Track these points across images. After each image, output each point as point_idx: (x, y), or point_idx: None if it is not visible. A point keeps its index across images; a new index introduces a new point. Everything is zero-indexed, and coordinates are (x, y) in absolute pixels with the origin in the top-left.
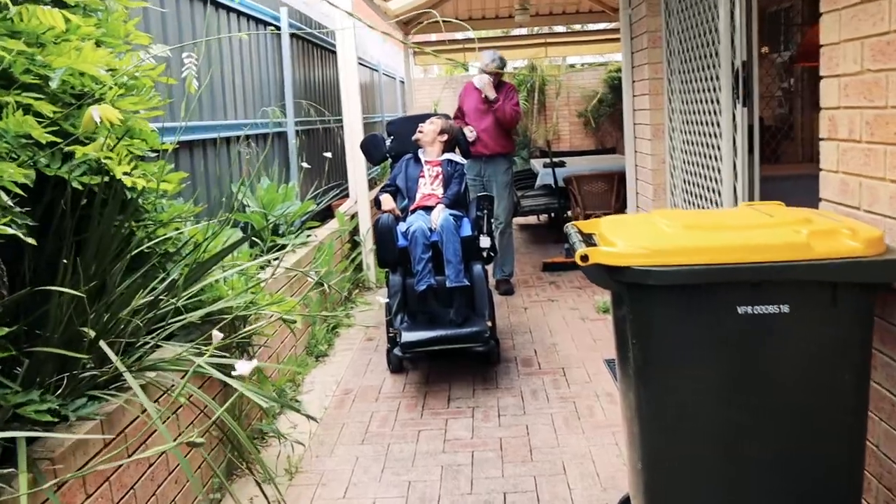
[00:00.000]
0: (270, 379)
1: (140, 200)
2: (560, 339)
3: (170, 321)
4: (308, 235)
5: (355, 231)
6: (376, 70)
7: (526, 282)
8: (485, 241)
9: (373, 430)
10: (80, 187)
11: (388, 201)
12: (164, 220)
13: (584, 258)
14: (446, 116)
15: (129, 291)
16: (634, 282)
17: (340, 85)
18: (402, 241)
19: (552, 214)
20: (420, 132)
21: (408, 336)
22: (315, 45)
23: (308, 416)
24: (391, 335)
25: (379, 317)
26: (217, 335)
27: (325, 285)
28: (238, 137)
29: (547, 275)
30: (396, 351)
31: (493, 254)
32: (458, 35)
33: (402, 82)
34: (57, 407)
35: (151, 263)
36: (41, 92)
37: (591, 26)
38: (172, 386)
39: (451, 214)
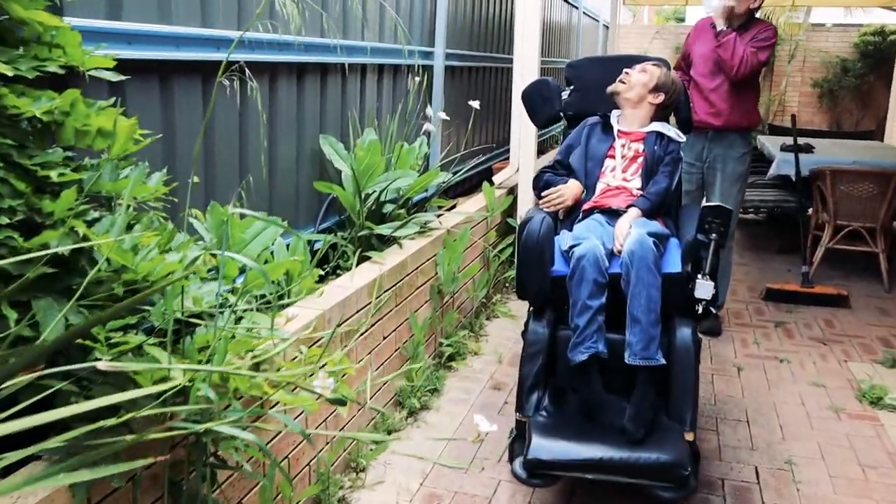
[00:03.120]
0: (310, 468)
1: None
2: (800, 450)
3: None
4: (428, 222)
5: (511, 211)
6: (576, 7)
7: (738, 315)
8: (704, 289)
9: None
10: None
11: (566, 194)
12: (56, 212)
13: None
14: (666, 64)
15: None
16: None
17: (515, 8)
18: (559, 266)
19: (778, 212)
20: (622, 82)
21: (540, 445)
22: None
23: None
24: (519, 420)
25: (519, 344)
26: None
27: (447, 294)
28: (356, 67)
29: (771, 307)
30: (517, 467)
31: (713, 310)
32: None
33: (607, 27)
34: None
35: None
36: None
37: None
38: None
39: (650, 233)
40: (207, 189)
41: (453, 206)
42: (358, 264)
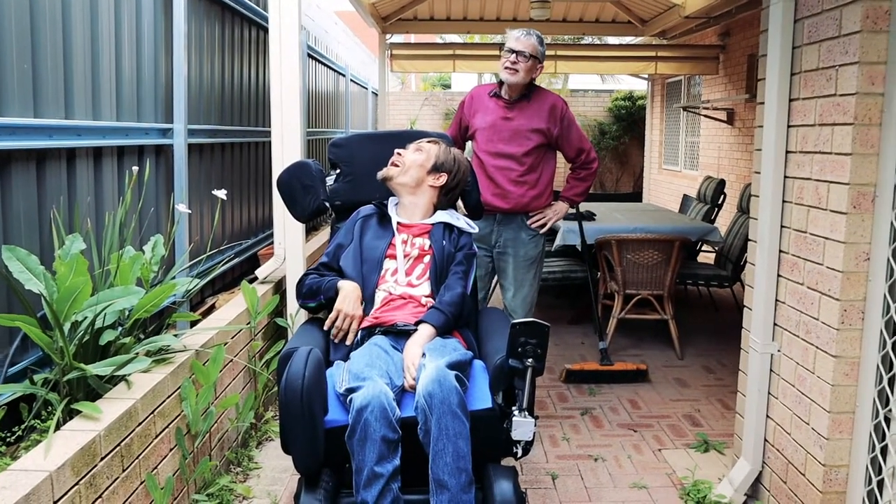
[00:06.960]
0: None
1: None
2: None
3: None
4: (166, 347)
5: (281, 309)
6: (342, 74)
7: (542, 405)
8: (523, 428)
9: None
10: None
11: (347, 309)
12: None
13: None
14: (447, 140)
15: None
16: None
17: (271, 72)
18: (335, 414)
19: (567, 283)
20: (395, 164)
21: None
22: (242, 18)
23: None
24: None
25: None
26: None
27: (200, 434)
28: (59, 152)
29: (573, 389)
30: None
31: (530, 447)
32: (447, 38)
33: (375, 94)
34: None
35: None
36: None
37: (609, 41)
38: None
39: (451, 364)
40: None
41: (210, 310)
42: (66, 422)
